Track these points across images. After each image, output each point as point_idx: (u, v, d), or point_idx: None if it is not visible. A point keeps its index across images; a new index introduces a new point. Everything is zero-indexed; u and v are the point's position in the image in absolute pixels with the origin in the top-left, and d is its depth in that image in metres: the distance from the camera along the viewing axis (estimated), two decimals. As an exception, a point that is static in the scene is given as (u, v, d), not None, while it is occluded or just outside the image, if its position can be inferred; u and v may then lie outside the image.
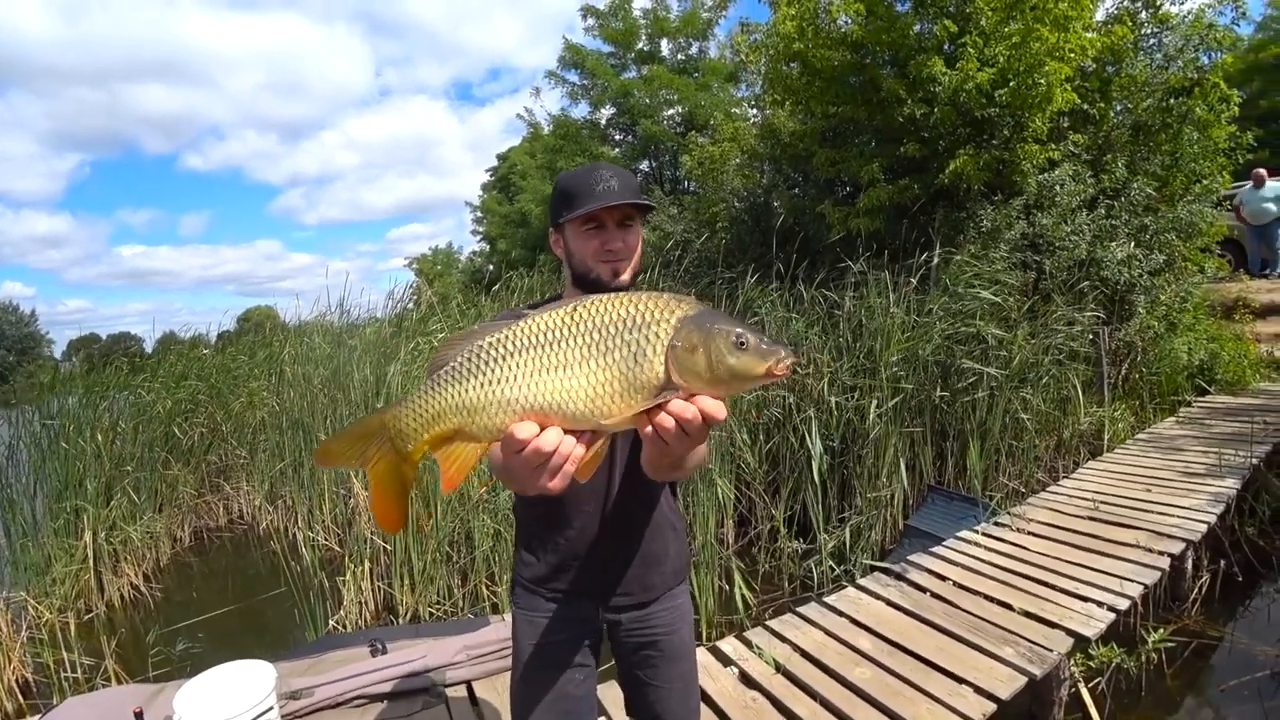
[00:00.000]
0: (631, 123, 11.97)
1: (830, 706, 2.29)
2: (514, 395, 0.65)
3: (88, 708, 2.49)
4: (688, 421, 0.66)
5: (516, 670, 1.41)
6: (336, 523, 4.66)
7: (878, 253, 5.13)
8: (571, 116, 12.98)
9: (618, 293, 0.73)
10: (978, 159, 5.03)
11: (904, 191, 5.40)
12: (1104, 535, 3.39)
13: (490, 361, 0.67)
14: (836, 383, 4.57)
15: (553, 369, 0.65)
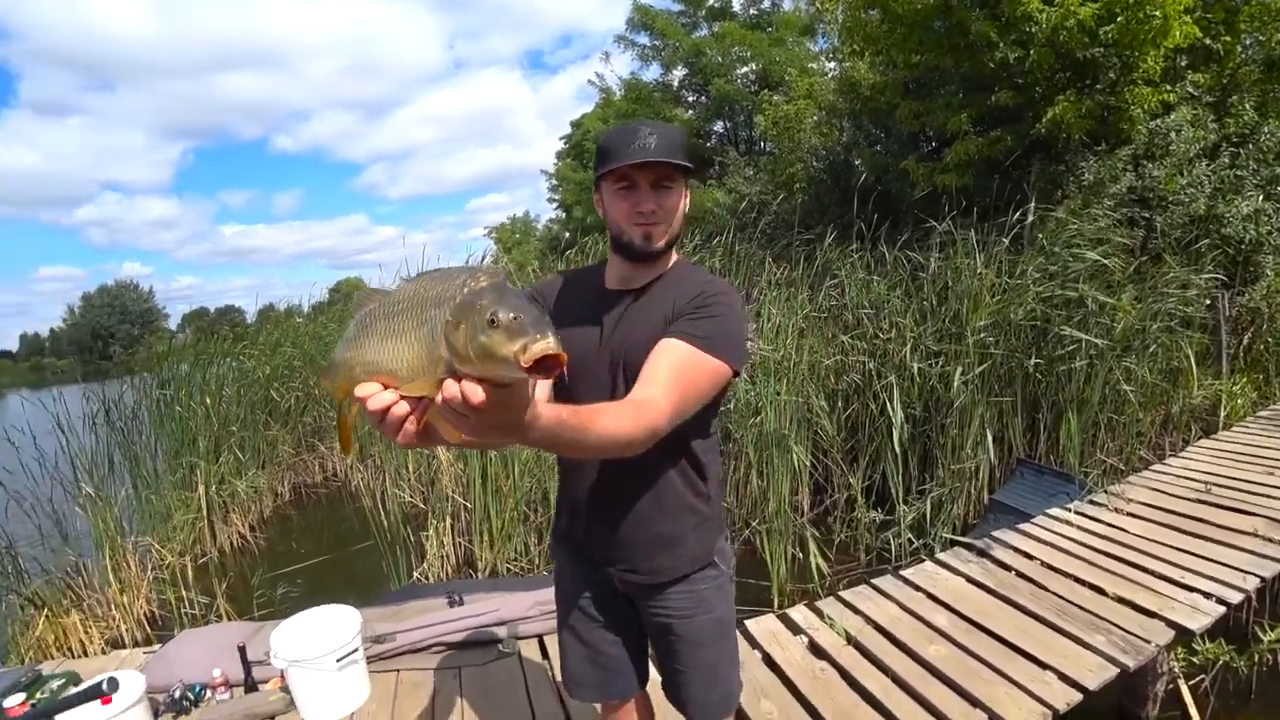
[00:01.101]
0: (704, 83, 11.65)
1: (902, 682, 2.21)
2: (364, 358, 0.70)
3: (200, 640, 2.73)
4: (447, 399, 0.61)
5: (558, 616, 1.44)
6: (421, 481, 4.86)
7: (965, 211, 4.79)
8: (643, 80, 12.78)
9: (457, 267, 0.69)
10: (1079, 105, 4.57)
11: (995, 144, 4.99)
12: (1215, 520, 3.10)
13: (362, 325, 0.72)
14: (920, 348, 4.36)
15: (390, 337, 0.67)
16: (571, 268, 1.47)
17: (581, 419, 0.84)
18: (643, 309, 1.22)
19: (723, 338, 1.13)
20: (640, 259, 1.21)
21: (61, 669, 2.49)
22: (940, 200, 4.92)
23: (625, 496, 1.25)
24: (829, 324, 4.94)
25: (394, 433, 0.64)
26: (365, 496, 5.31)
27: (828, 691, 2.21)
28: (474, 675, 2.49)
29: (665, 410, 1.01)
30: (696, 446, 1.26)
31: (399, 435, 0.64)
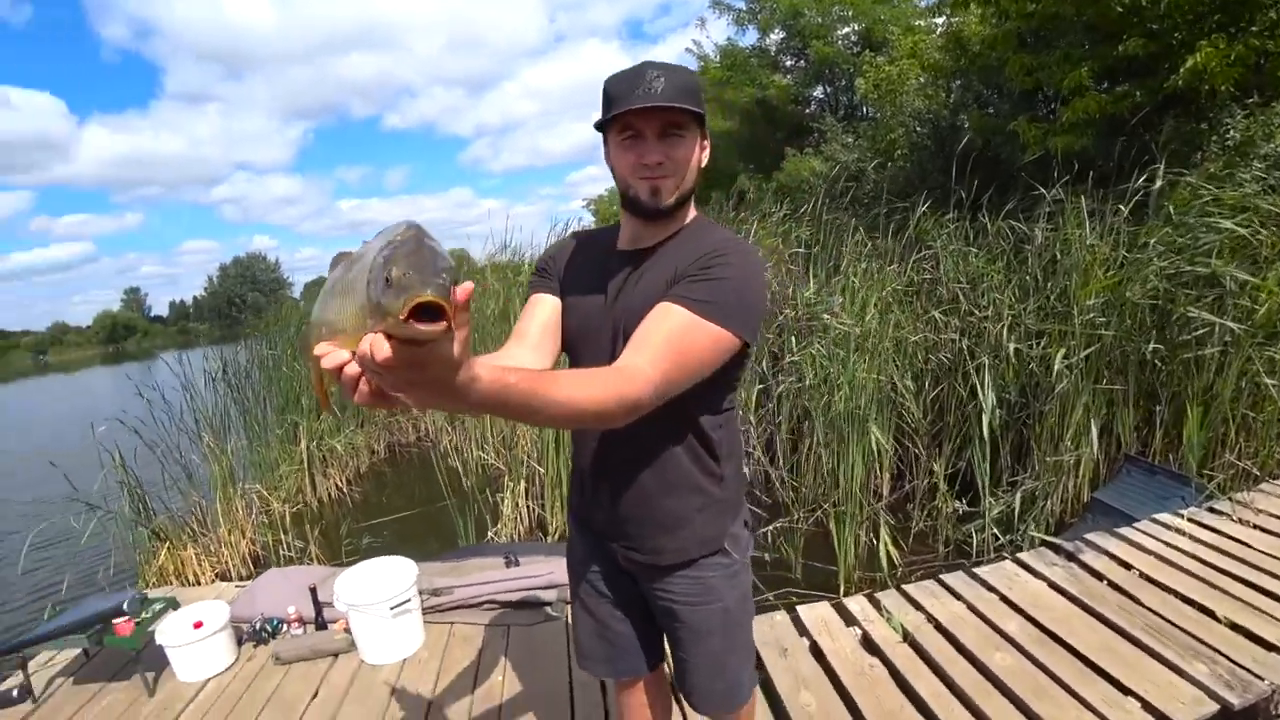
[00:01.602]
0: (802, 46, 11.07)
1: (956, 690, 2.04)
2: (326, 318, 0.68)
3: (283, 578, 2.96)
4: (359, 358, 0.58)
5: (570, 588, 1.42)
6: (505, 445, 5.02)
7: (1080, 176, 4.28)
8: (739, 45, 12.31)
9: (398, 223, 0.63)
10: (1227, 52, 3.92)
11: (1121, 100, 4.41)
12: None
13: (327, 286, 0.71)
14: (1019, 327, 3.99)
15: (339, 295, 0.65)
16: (588, 228, 1.38)
17: (534, 384, 0.76)
18: (649, 271, 1.13)
19: (727, 302, 1.01)
20: (649, 216, 1.12)
21: (164, 594, 2.77)
22: (1053, 165, 4.42)
23: (626, 471, 1.19)
24: (920, 298, 4.62)
25: (351, 392, 0.62)
26: (452, 457, 5.59)
27: (873, 690, 2.09)
28: (521, 635, 2.56)
29: (651, 379, 0.91)
30: (705, 423, 1.17)
31: (356, 395, 0.62)
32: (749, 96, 11.45)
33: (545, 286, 1.25)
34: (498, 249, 7.37)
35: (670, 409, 1.00)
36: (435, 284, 0.54)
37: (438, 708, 2.18)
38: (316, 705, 2.25)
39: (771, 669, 2.22)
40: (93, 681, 2.49)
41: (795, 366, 4.25)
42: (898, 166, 7.16)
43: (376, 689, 2.30)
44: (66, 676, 2.53)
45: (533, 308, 1.23)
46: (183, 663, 2.44)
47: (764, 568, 3.57)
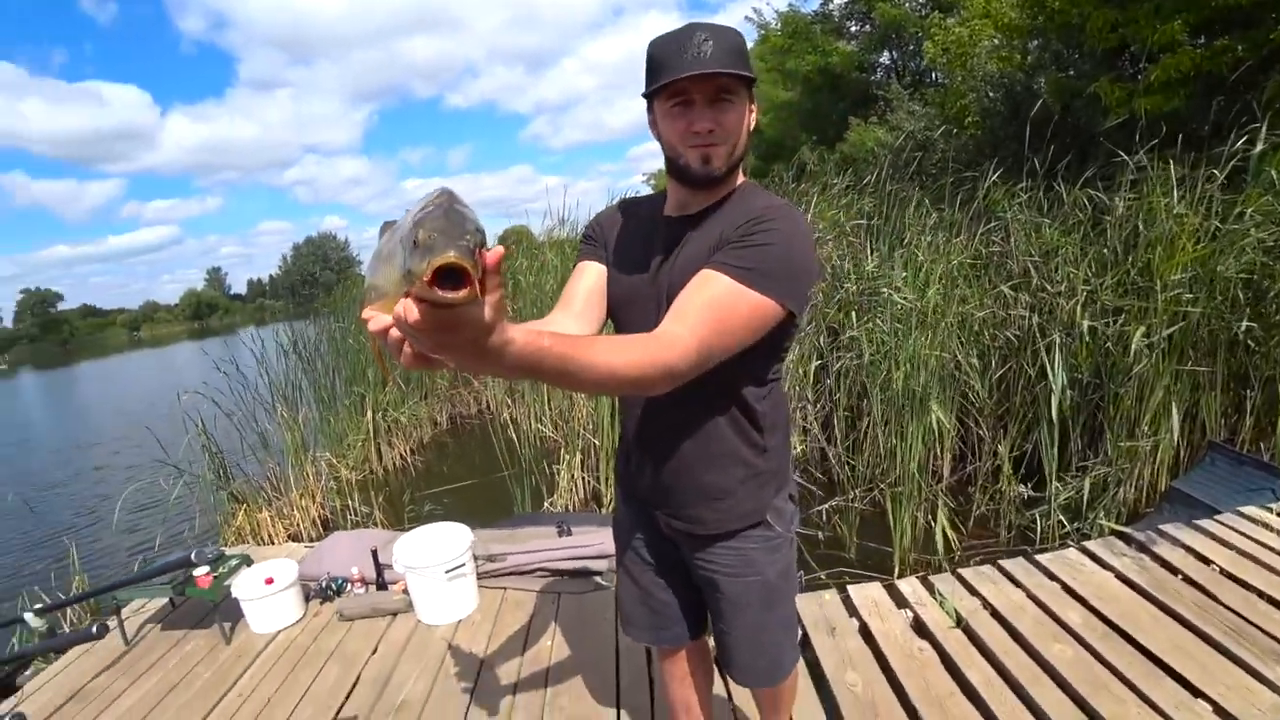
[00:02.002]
0: (867, 9, 10.60)
1: (1010, 679, 1.97)
2: (375, 283, 0.68)
3: (349, 539, 3.12)
4: (395, 321, 0.58)
5: (616, 554, 1.44)
6: (562, 418, 5.11)
7: (1169, 140, 3.96)
8: (800, 11, 11.87)
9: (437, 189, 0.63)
10: (1349, -2, 3.54)
11: (1219, 55, 4.03)
12: None
13: (375, 253, 0.71)
14: (1094, 303, 3.76)
15: (384, 261, 0.65)
16: (635, 196, 1.36)
17: (571, 349, 0.76)
18: (695, 237, 1.10)
19: (771, 269, 0.98)
20: (698, 184, 1.09)
21: (239, 551, 2.97)
22: (1138, 129, 4.10)
23: (669, 440, 1.19)
24: (988, 273, 4.41)
25: (397, 355, 0.64)
26: (512, 429, 5.74)
27: (922, 673, 2.05)
28: (571, 602, 2.62)
29: (690, 348, 0.90)
30: (749, 394, 1.15)
31: (401, 358, 0.64)
32: (811, 65, 11.07)
33: (591, 254, 1.25)
34: (556, 224, 7.42)
35: (714, 378, 0.99)
36: (458, 246, 0.54)
37: (488, 667, 2.26)
38: (376, 660, 2.37)
39: (818, 647, 2.20)
40: (177, 629, 2.71)
41: (854, 342, 4.14)
42: (967, 134, 6.80)
43: (432, 647, 2.41)
44: (155, 623, 2.76)
45: (578, 275, 1.23)
46: (255, 615, 2.62)
47: (817, 546, 3.53)
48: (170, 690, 2.31)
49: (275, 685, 2.29)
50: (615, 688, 2.09)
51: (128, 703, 2.27)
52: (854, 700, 1.95)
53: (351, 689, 2.23)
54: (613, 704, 2.02)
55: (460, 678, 2.22)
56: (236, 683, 2.32)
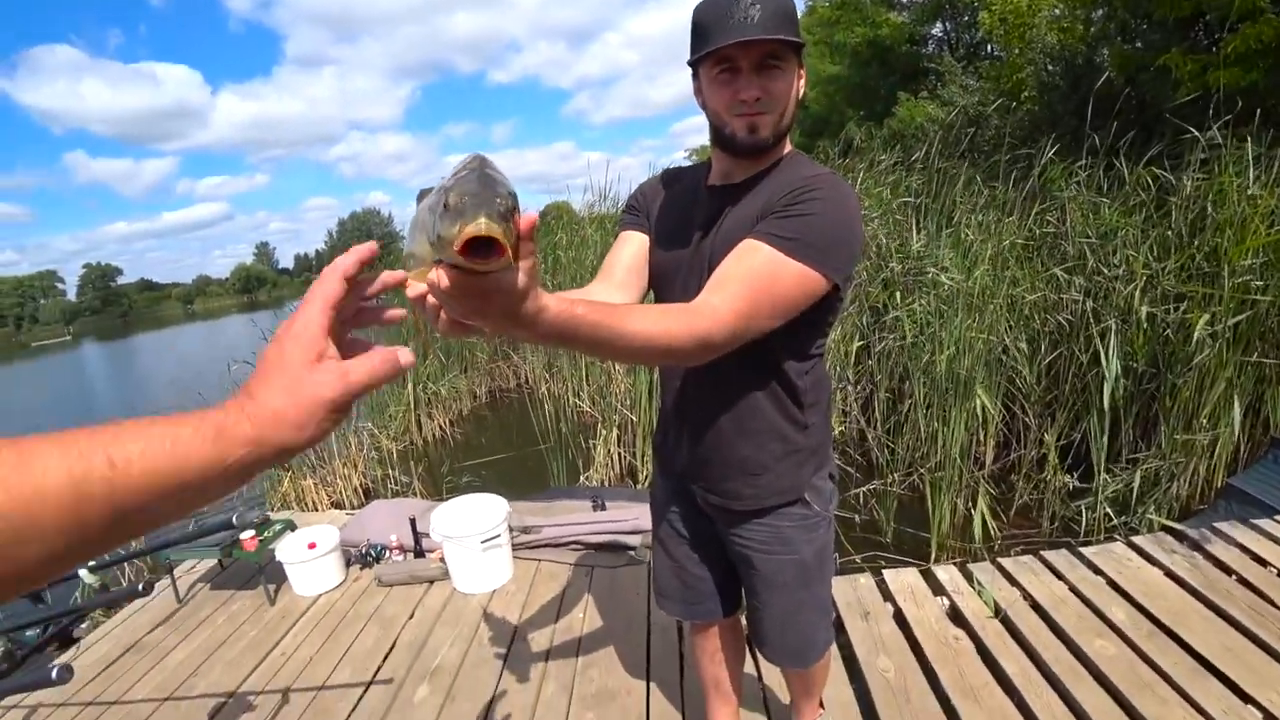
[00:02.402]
0: (923, -22, 10.19)
1: (1048, 673, 1.92)
2: (413, 250, 0.65)
3: (387, 509, 3.20)
4: (430, 288, 0.57)
5: (652, 527, 1.44)
6: (600, 393, 5.15)
7: (1244, 116, 3.72)
8: (851, -20, 11.46)
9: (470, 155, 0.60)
10: None
11: (1309, 25, 3.76)
12: None
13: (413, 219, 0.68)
14: (1154, 288, 3.59)
15: (418, 227, 0.62)
16: (679, 166, 1.33)
17: (605, 316, 0.75)
18: (739, 207, 1.07)
19: (816, 240, 0.95)
20: (744, 154, 1.06)
21: (283, 516, 3.07)
22: (1210, 105, 3.86)
23: (707, 413, 1.18)
24: (1041, 254, 4.24)
25: (434, 321, 0.64)
26: (550, 403, 5.80)
27: (956, 662, 2.02)
28: (603, 576, 2.64)
29: (726, 319, 0.88)
30: (791, 368, 1.12)
31: (437, 325, 0.64)
32: (860, 37, 10.72)
33: (634, 224, 1.23)
34: (597, 200, 7.39)
35: (754, 352, 0.97)
36: (488, 212, 0.52)
37: (521, 636, 2.31)
38: (412, 625, 2.44)
39: (851, 631, 2.18)
40: (225, 589, 2.83)
41: (898, 323, 4.04)
42: (1024, 109, 6.52)
43: (467, 614, 2.47)
44: (205, 583, 2.89)
45: (620, 245, 1.22)
46: (299, 578, 2.71)
47: (854, 529, 3.49)
48: (219, 646, 2.42)
49: (316, 645, 2.38)
50: (646, 662, 2.11)
51: (179, 656, 2.38)
52: (886, 686, 1.93)
53: (389, 652, 2.30)
54: (643, 677, 2.04)
55: (493, 645, 2.27)
56: (280, 642, 2.42)
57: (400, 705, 2.03)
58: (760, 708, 1.86)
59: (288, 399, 0.43)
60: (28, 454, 0.34)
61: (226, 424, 0.41)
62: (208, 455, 0.39)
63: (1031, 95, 6.32)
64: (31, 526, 0.33)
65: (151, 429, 0.38)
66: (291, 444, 0.43)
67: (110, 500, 0.36)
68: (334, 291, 0.49)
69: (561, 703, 1.96)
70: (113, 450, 0.36)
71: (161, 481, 0.38)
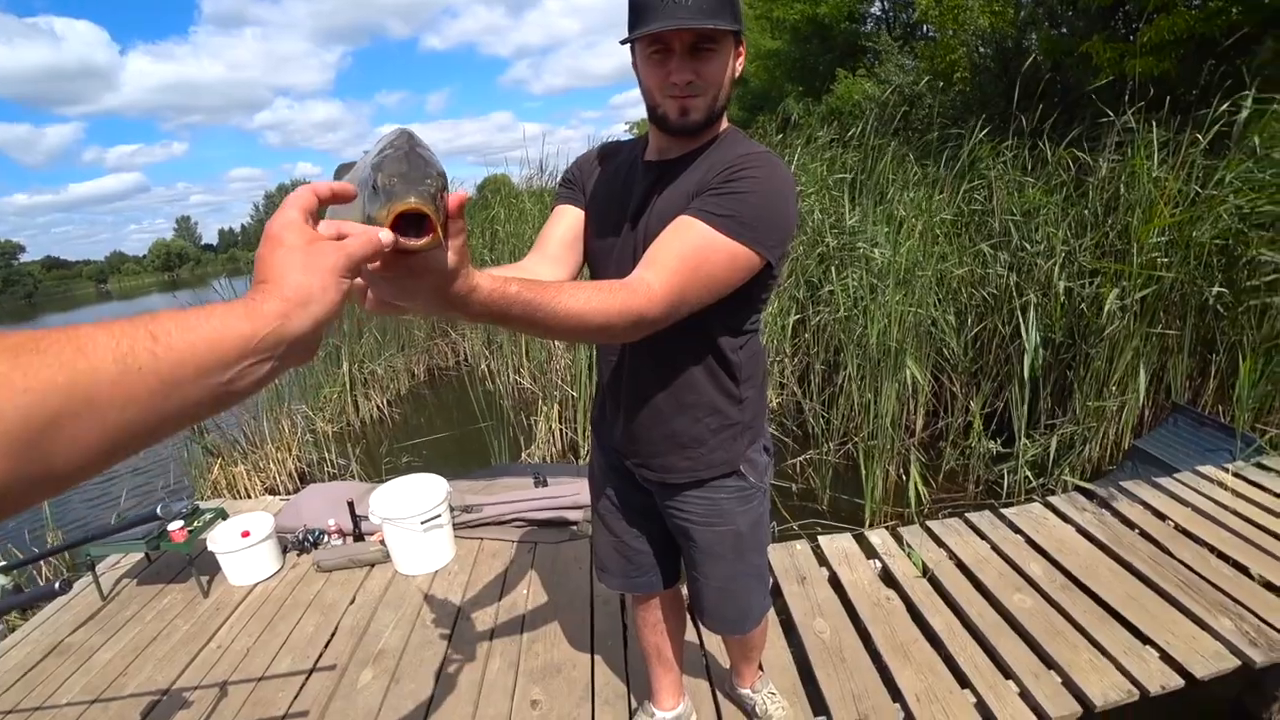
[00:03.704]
0: (862, -44, 10.30)
1: (971, 626, 2.06)
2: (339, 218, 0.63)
3: (324, 493, 3.10)
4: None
5: (591, 502, 1.46)
6: (540, 370, 5.10)
7: (1156, 103, 3.94)
8: (793, -45, 11.47)
9: (392, 130, 0.60)
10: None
11: (1215, 18, 3.99)
12: None
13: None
14: (1072, 264, 3.79)
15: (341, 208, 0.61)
16: (615, 141, 1.32)
17: (538, 295, 0.74)
18: (674, 183, 1.08)
19: (750, 218, 0.96)
20: (677, 134, 1.06)
21: (215, 505, 2.95)
22: (1127, 91, 4.07)
23: (643, 389, 1.19)
24: (968, 230, 4.41)
25: (361, 300, 0.62)
26: (489, 380, 5.71)
27: (888, 621, 2.12)
28: (546, 551, 2.65)
29: (658, 296, 0.88)
30: (725, 344, 1.14)
31: (365, 303, 0.62)
32: (800, 14, 10.77)
33: (569, 198, 1.22)
34: (536, 173, 7.26)
35: (690, 328, 0.98)
36: (419, 191, 0.52)
37: (465, 615, 2.30)
38: (354, 609, 2.40)
39: (789, 596, 2.26)
40: (154, 583, 2.71)
41: (833, 296, 4.15)
42: (956, 90, 6.71)
43: (409, 596, 2.44)
44: (131, 578, 2.76)
45: (555, 219, 1.20)
46: (232, 568, 2.62)
47: (791, 498, 3.60)
48: (149, 643, 2.32)
49: (254, 636, 2.31)
50: (590, 635, 2.14)
51: (106, 656, 2.27)
52: (821, 646, 2.02)
53: (330, 638, 2.25)
54: (587, 650, 2.07)
55: (437, 626, 2.26)
56: (215, 634, 2.34)
57: (344, 690, 2.00)
58: (702, 674, 1.92)
59: (302, 274, 0.47)
60: (77, 337, 0.36)
61: (254, 302, 0.45)
62: (242, 330, 0.42)
63: (963, 76, 6.51)
64: (88, 403, 0.35)
65: (185, 312, 0.41)
66: (318, 312, 0.47)
67: (156, 373, 0.38)
68: (308, 200, 0.53)
69: (508, 679, 1.97)
70: (153, 326, 0.39)
71: (202, 355, 0.40)
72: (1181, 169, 3.56)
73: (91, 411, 0.35)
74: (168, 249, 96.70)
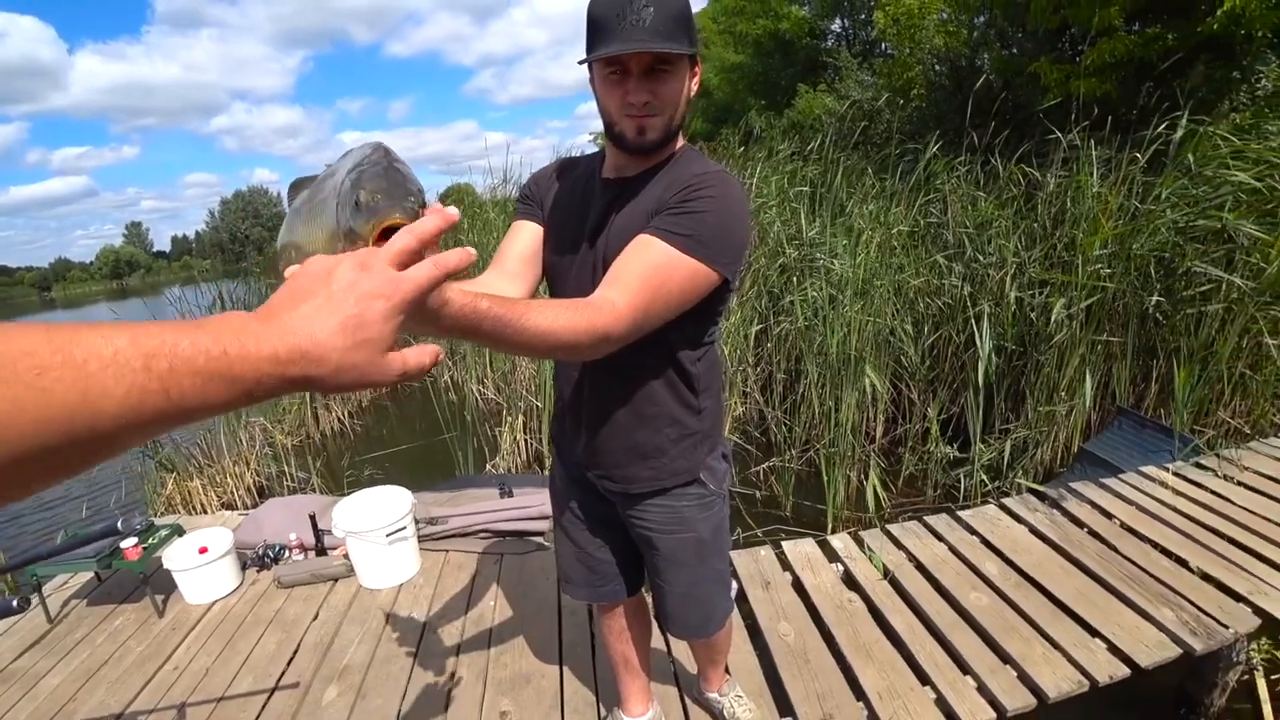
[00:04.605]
0: (822, -26, 10.59)
1: (930, 625, 2.13)
2: (295, 240, 0.65)
3: (284, 507, 3.05)
4: None
5: (553, 514, 1.48)
6: (504, 380, 5.08)
7: (1099, 122, 4.15)
8: (756, -28, 11.74)
9: (364, 144, 0.61)
10: (1271, -9, 3.76)
11: (1152, 43, 4.22)
12: None
13: (294, 210, 0.69)
14: (1022, 275, 3.95)
15: (309, 219, 0.63)
16: (573, 157, 1.34)
17: (507, 311, 0.76)
18: (632, 201, 1.10)
19: (707, 236, 0.99)
20: (634, 153, 1.09)
21: (170, 521, 2.87)
22: (1072, 111, 4.27)
23: (605, 401, 1.21)
24: (925, 242, 4.56)
25: None
26: (454, 391, 5.65)
27: (851, 623, 2.18)
28: (513, 563, 2.65)
29: (624, 314, 0.90)
30: (684, 357, 1.17)
31: None
32: (763, 29, 11.01)
33: (528, 213, 1.23)
34: (500, 183, 7.24)
35: (650, 342, 1.01)
36: (404, 206, 0.53)
37: (432, 629, 2.28)
38: (317, 625, 2.35)
39: (754, 601, 2.30)
40: (105, 604, 2.61)
41: (794, 307, 4.24)
42: (913, 106, 6.93)
43: (374, 611, 2.41)
44: (80, 599, 2.66)
45: (514, 235, 1.22)
46: (189, 586, 2.55)
47: (754, 505, 3.65)
48: (100, 666, 2.24)
49: (213, 656, 2.25)
50: (558, 644, 2.14)
51: (54, 681, 2.19)
52: (786, 649, 2.06)
53: (293, 656, 2.21)
54: (556, 660, 2.07)
55: (403, 640, 2.23)
56: (172, 655, 2.27)
57: (308, 708, 1.96)
58: (670, 679, 1.94)
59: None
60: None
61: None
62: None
63: (920, 93, 6.72)
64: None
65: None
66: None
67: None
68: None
69: (476, 691, 1.96)
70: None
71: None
72: (1122, 185, 3.75)
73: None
74: (117, 256, 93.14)
